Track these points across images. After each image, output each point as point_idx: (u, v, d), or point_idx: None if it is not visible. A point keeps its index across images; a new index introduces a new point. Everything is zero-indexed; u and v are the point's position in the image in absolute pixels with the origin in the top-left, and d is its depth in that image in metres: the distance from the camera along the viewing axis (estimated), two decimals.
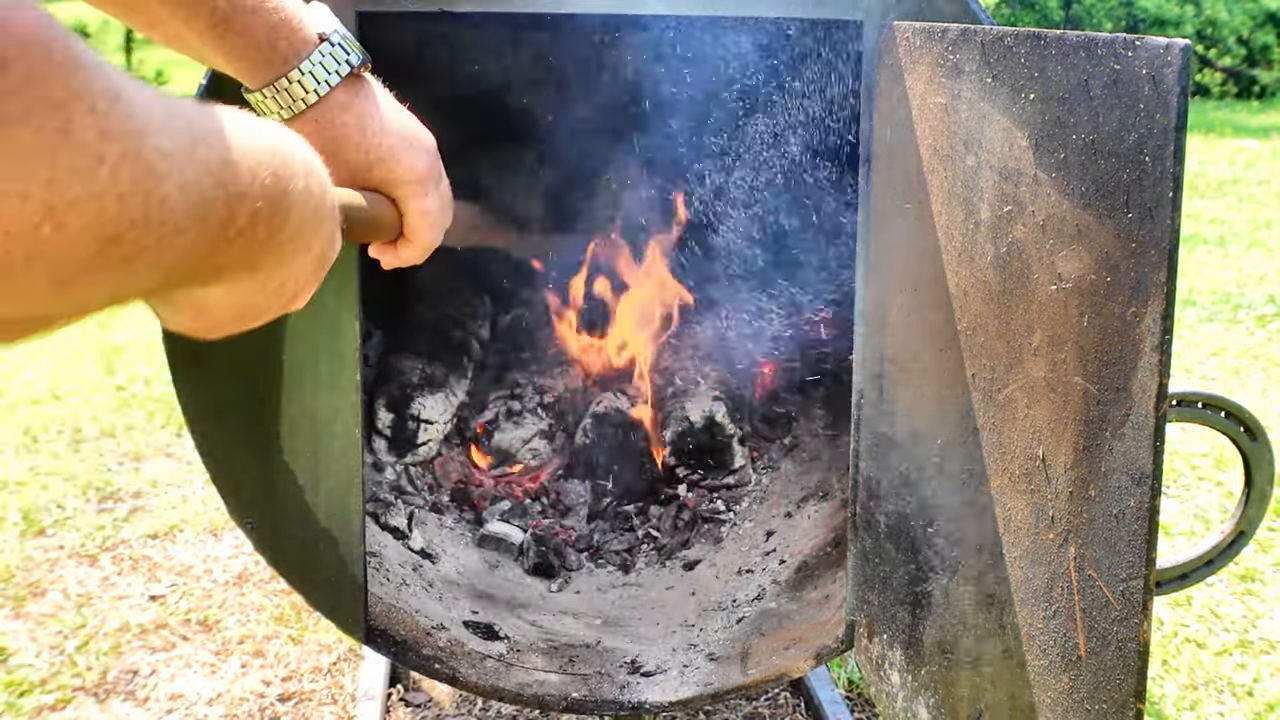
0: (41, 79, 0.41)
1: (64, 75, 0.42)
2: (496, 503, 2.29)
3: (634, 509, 2.33)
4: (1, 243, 0.41)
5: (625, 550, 2.21)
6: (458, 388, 2.42)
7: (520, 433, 2.39)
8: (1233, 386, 4.00)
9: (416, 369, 2.34)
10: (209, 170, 0.52)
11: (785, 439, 2.48)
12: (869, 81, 1.53)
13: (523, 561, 2.12)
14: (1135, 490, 0.96)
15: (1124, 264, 0.95)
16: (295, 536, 1.63)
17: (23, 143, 0.41)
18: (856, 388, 1.64)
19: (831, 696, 2.18)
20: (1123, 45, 0.93)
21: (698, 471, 2.36)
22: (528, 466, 2.39)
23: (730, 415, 2.36)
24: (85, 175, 0.43)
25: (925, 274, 1.36)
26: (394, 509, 2.08)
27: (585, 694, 1.74)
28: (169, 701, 2.27)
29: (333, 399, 1.59)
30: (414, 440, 2.27)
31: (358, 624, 1.68)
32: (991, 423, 1.21)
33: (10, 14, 0.41)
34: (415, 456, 2.28)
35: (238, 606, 2.62)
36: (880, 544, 1.58)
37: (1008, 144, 1.13)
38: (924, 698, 1.44)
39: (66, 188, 0.42)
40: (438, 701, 2.27)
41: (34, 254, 0.42)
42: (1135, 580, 0.96)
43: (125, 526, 3.00)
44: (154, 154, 0.47)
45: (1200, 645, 2.47)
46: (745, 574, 2.07)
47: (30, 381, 4.05)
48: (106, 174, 0.44)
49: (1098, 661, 1.02)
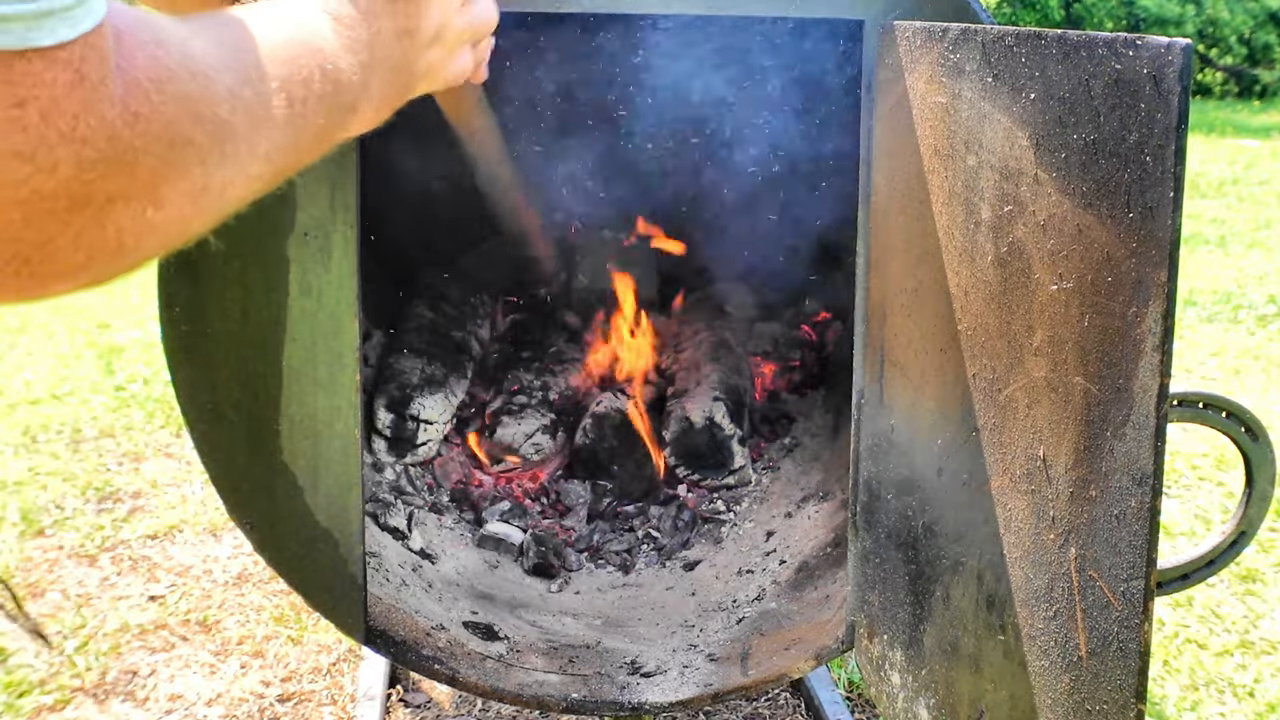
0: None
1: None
2: (496, 503, 2.29)
3: (634, 509, 2.32)
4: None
5: (625, 550, 2.20)
6: (457, 388, 2.42)
7: (523, 427, 2.38)
8: (1233, 386, 4.00)
9: (416, 369, 2.33)
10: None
11: (785, 439, 2.47)
12: (869, 81, 1.53)
13: (523, 562, 2.12)
14: (1136, 490, 0.95)
15: (1125, 264, 0.94)
16: (295, 537, 1.63)
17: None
18: (856, 388, 1.64)
19: (832, 697, 2.18)
20: (1124, 45, 0.93)
21: (698, 471, 2.36)
22: (529, 461, 2.38)
23: (731, 415, 2.35)
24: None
25: (925, 274, 1.36)
26: (393, 509, 2.08)
27: (585, 694, 1.74)
28: (168, 702, 2.27)
29: (332, 399, 1.59)
30: (414, 440, 2.26)
31: (357, 624, 1.68)
32: (992, 423, 1.21)
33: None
34: (415, 456, 2.27)
35: (237, 607, 2.62)
36: (880, 544, 1.57)
37: (1008, 144, 1.13)
38: (924, 698, 1.44)
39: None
40: (437, 702, 2.27)
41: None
42: (1136, 581, 0.96)
43: (125, 527, 3.00)
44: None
45: (1201, 646, 2.46)
46: (745, 574, 2.07)
47: (30, 381, 4.05)
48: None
49: (1098, 662, 1.02)
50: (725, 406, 2.35)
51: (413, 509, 2.13)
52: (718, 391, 2.39)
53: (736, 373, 2.49)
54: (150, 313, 4.75)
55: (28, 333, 4.62)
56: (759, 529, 2.22)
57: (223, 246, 1.52)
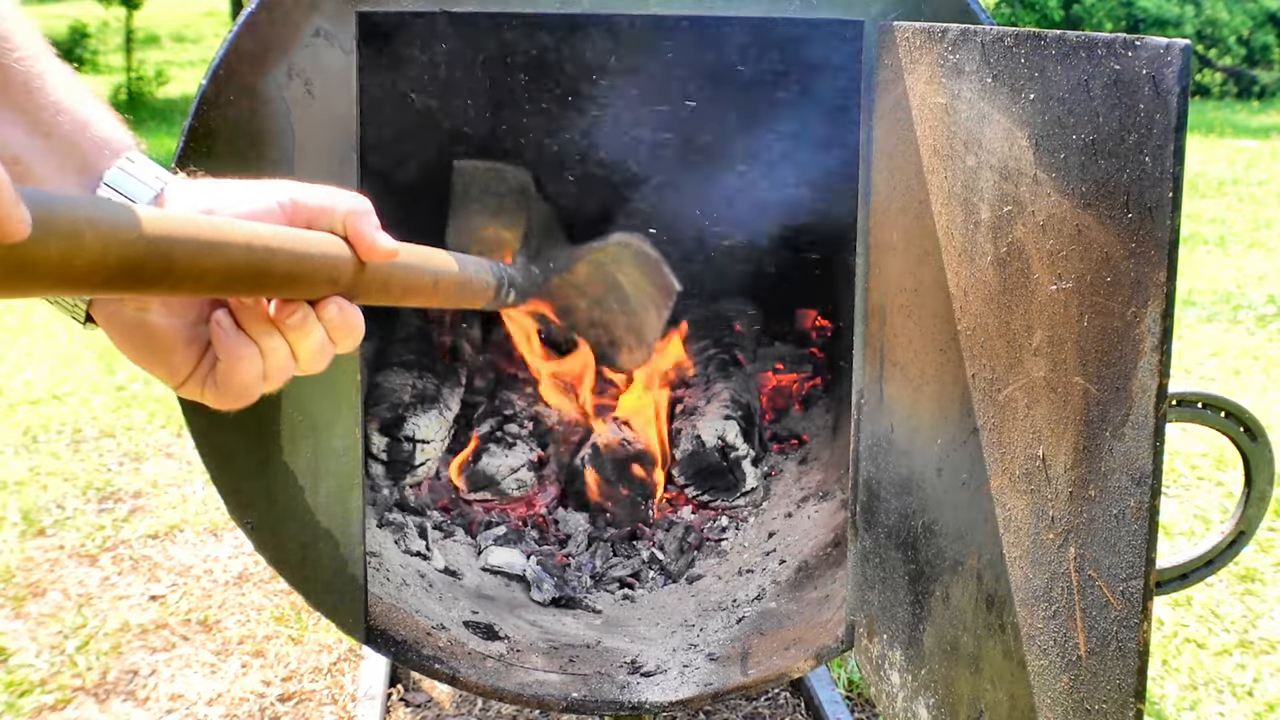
0: None
1: None
2: (491, 528, 2.20)
3: (637, 534, 2.25)
4: None
5: (631, 575, 2.12)
6: (452, 400, 2.33)
7: (509, 460, 2.28)
8: (1233, 387, 4.00)
9: (407, 386, 2.24)
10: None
11: (795, 454, 2.42)
12: (869, 81, 1.53)
13: (535, 593, 2.04)
14: (1135, 490, 0.95)
15: (1124, 264, 0.95)
16: (295, 537, 1.63)
17: None
18: (856, 388, 1.64)
19: (831, 696, 2.18)
20: (1123, 45, 0.93)
21: (708, 492, 2.29)
22: (508, 496, 2.28)
23: (743, 434, 2.27)
24: None
25: (925, 274, 1.36)
26: (407, 530, 2.03)
27: (585, 694, 1.74)
28: (169, 701, 2.27)
29: (333, 399, 1.59)
30: (411, 462, 2.17)
31: (358, 624, 1.68)
32: (991, 423, 1.21)
33: None
34: (414, 478, 2.19)
35: (238, 606, 2.62)
36: (880, 544, 1.58)
37: (1008, 144, 1.13)
38: (924, 698, 1.44)
39: None
40: (438, 701, 2.27)
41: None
42: (1135, 580, 0.96)
43: (125, 526, 3.00)
44: None
45: (1200, 645, 2.47)
46: (745, 574, 2.07)
47: (30, 381, 4.05)
48: None
49: (1098, 662, 1.02)
50: (738, 426, 2.28)
51: (424, 524, 2.08)
52: (729, 410, 2.32)
53: (746, 390, 2.42)
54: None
55: (28, 333, 4.62)
56: (759, 529, 2.22)
57: None
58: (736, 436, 2.27)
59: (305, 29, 1.49)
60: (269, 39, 1.49)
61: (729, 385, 2.41)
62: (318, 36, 1.49)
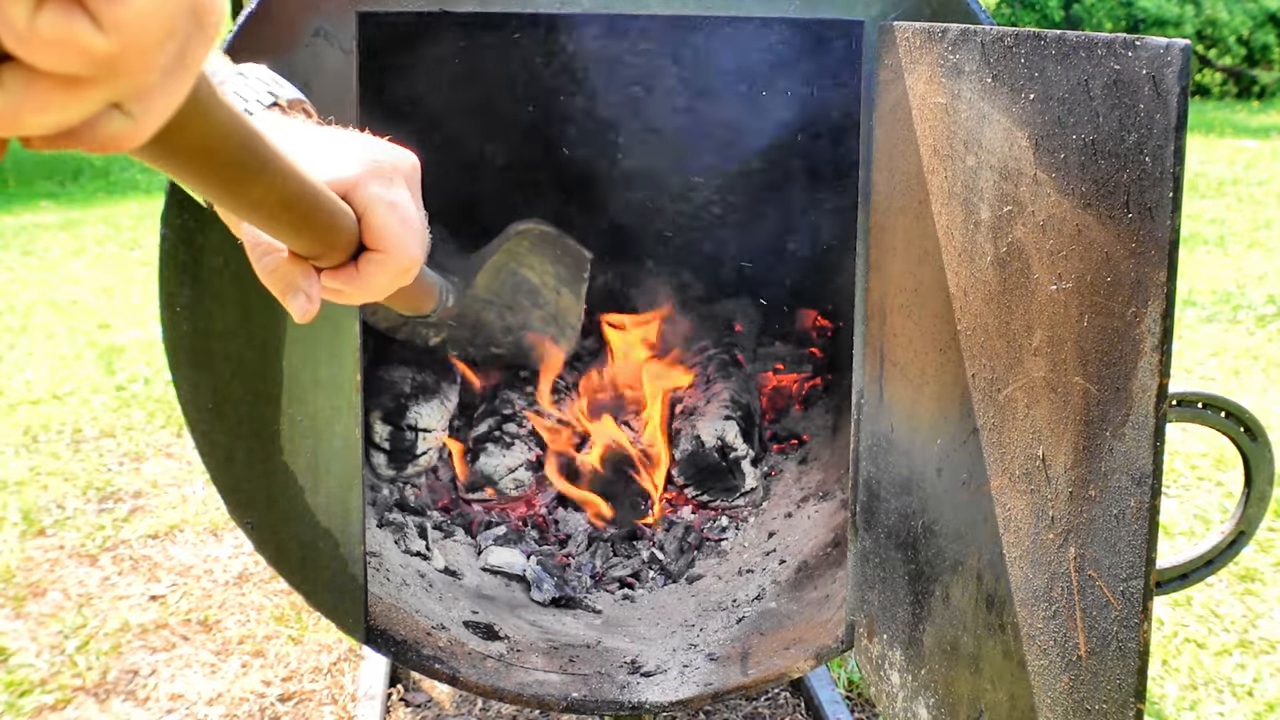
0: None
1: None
2: (490, 528, 2.21)
3: (636, 535, 2.25)
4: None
5: (631, 575, 2.13)
6: (451, 392, 2.35)
7: (507, 460, 2.28)
8: (1233, 387, 4.00)
9: (408, 378, 2.26)
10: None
11: (795, 454, 2.42)
12: (869, 82, 1.53)
13: (535, 593, 2.04)
14: (1135, 490, 0.96)
15: (1124, 264, 0.95)
16: (295, 537, 1.63)
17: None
18: (856, 388, 1.64)
19: (831, 696, 2.18)
20: (1123, 45, 0.93)
21: (708, 492, 2.29)
22: (505, 496, 2.28)
23: (742, 434, 2.27)
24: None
25: (925, 274, 1.36)
26: (408, 530, 2.04)
27: (585, 694, 1.74)
28: (169, 701, 2.27)
29: (333, 399, 1.59)
30: (413, 451, 2.19)
31: (358, 624, 1.68)
32: (991, 423, 1.21)
33: None
34: (416, 467, 2.21)
35: (238, 606, 2.62)
36: (880, 544, 1.58)
37: (1008, 144, 1.13)
38: (924, 698, 1.44)
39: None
40: (438, 701, 2.27)
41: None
42: (1135, 580, 0.96)
43: (125, 526, 3.00)
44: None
45: (1200, 645, 2.47)
46: (745, 574, 2.07)
47: (31, 381, 4.05)
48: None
49: (1098, 661, 1.02)
50: (737, 426, 2.28)
51: (424, 524, 2.09)
52: (729, 410, 2.32)
53: (746, 390, 2.42)
54: (151, 313, 4.75)
55: (28, 333, 4.62)
56: (759, 529, 2.22)
57: (224, 247, 1.52)
58: (736, 437, 2.27)
59: (305, 29, 1.49)
60: (269, 39, 1.49)
61: (729, 385, 2.41)
62: (318, 36, 1.49)
